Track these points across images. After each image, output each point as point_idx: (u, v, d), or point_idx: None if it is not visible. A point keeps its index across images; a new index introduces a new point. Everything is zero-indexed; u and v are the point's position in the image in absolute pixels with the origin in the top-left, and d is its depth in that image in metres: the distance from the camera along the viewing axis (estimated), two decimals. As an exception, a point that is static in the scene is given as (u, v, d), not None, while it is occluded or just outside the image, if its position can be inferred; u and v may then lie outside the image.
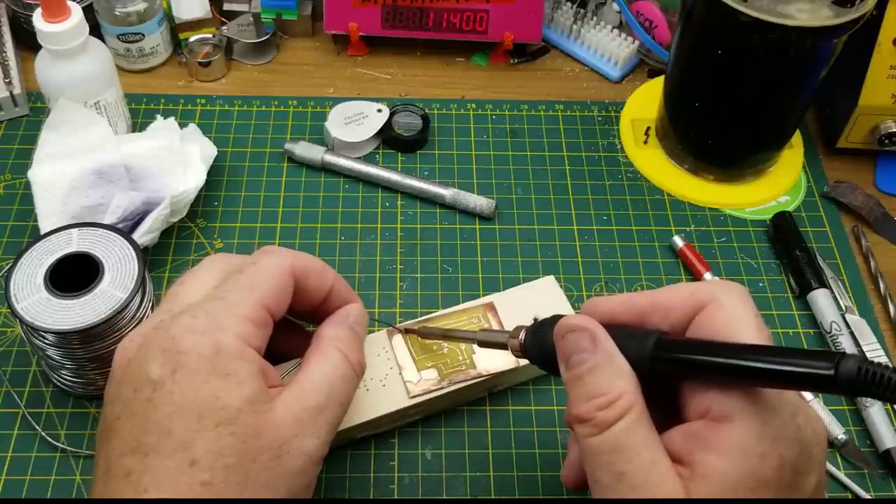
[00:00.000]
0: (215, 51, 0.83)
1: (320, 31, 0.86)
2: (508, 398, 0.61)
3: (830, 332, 0.65)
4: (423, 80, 0.84)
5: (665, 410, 0.41)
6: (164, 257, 0.68)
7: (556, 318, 0.44)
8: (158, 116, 0.72)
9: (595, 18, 0.87)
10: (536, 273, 0.68)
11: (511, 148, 0.78)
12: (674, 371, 0.40)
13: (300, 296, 0.47)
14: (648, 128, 0.79)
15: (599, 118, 0.81)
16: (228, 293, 0.43)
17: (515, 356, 0.48)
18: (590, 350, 0.40)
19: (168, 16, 0.82)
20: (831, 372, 0.32)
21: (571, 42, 0.87)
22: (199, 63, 0.82)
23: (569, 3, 0.88)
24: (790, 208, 0.75)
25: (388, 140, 0.77)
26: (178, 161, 0.68)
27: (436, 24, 0.82)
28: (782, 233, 0.71)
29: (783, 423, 0.37)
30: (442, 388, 0.57)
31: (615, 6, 0.85)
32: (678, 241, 0.70)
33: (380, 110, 0.77)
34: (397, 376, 0.57)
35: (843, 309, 0.67)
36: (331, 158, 0.74)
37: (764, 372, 0.35)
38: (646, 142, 0.78)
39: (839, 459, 0.60)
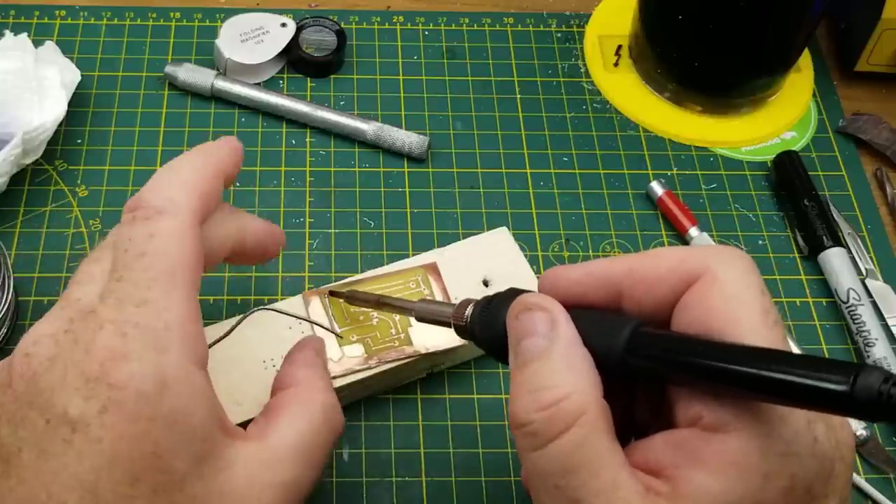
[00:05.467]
0: (78, -50, 0.77)
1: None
2: (445, 384, 0.58)
3: (847, 302, 0.61)
4: (338, -14, 0.80)
5: (650, 408, 0.40)
6: (14, 208, 0.65)
7: (512, 293, 0.42)
8: (7, 32, 0.69)
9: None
10: (480, 228, 0.65)
11: (448, 72, 0.74)
12: (653, 370, 0.38)
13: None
14: (620, 46, 0.75)
15: (559, 35, 0.77)
16: (150, 291, 0.39)
17: (460, 336, 0.46)
18: (544, 335, 0.38)
19: None
20: (846, 388, 0.30)
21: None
22: (59, -35, 0.75)
23: None
24: (797, 147, 0.71)
25: (295, 62, 0.73)
26: (31, 88, 0.65)
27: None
28: (787, 177, 0.68)
29: (795, 434, 0.35)
30: (369, 367, 0.54)
31: None
32: (657, 189, 0.67)
33: (284, 25, 0.73)
34: None
35: (864, 273, 0.64)
36: (223, 85, 0.70)
37: (755, 383, 0.33)
38: (616, 64, 0.75)
39: (858, 460, 0.58)
